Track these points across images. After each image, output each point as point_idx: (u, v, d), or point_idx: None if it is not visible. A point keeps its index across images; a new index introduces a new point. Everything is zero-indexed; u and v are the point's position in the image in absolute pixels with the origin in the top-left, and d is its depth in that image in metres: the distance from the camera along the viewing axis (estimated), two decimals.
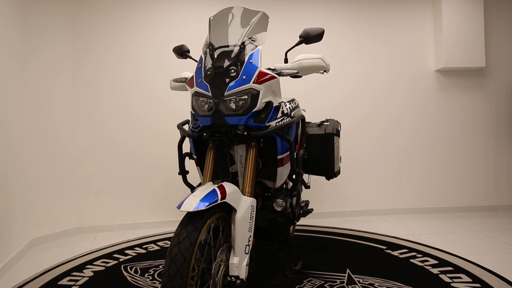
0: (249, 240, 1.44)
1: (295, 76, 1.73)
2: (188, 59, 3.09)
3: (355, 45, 3.53)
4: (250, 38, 1.58)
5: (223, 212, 1.39)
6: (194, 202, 1.24)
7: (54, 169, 2.92)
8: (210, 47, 1.59)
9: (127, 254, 2.50)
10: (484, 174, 3.67)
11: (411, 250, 2.47)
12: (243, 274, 1.39)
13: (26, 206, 2.69)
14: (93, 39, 3.15)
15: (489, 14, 3.63)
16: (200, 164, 1.78)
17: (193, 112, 1.59)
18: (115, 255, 2.48)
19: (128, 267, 2.27)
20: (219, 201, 1.29)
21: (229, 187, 1.40)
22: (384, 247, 2.53)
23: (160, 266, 2.25)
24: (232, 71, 1.50)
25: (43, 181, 2.85)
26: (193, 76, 1.60)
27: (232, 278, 1.35)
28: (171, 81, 1.94)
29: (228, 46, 1.56)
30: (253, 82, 1.51)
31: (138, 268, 2.25)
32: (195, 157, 1.75)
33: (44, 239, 2.84)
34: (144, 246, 2.67)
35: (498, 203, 3.68)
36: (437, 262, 2.25)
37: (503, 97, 3.68)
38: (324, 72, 1.79)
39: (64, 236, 3.00)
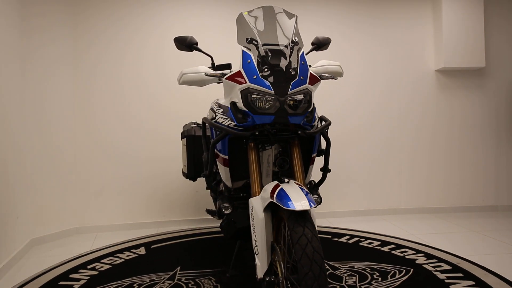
0: None
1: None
2: (189, 52, 3.02)
3: (355, 46, 3.53)
4: (294, 40, 1.60)
5: None
6: (304, 201, 1.25)
7: (54, 169, 2.92)
8: (255, 42, 1.57)
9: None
10: (484, 174, 3.67)
11: (370, 239, 2.69)
12: None
13: (26, 206, 2.69)
14: (93, 39, 3.15)
15: (489, 14, 3.63)
16: (231, 164, 1.72)
17: (245, 109, 1.52)
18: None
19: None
20: None
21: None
22: (330, 236, 2.82)
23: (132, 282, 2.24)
24: (292, 71, 1.50)
25: (43, 181, 2.85)
26: (239, 71, 1.55)
27: None
28: (183, 74, 1.79)
29: (277, 45, 1.56)
30: (308, 83, 1.54)
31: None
32: (226, 157, 1.68)
33: (44, 239, 2.84)
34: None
35: (498, 203, 3.68)
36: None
37: (503, 97, 3.68)
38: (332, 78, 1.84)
39: (64, 236, 3.00)
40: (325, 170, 1.77)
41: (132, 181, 3.22)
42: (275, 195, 1.30)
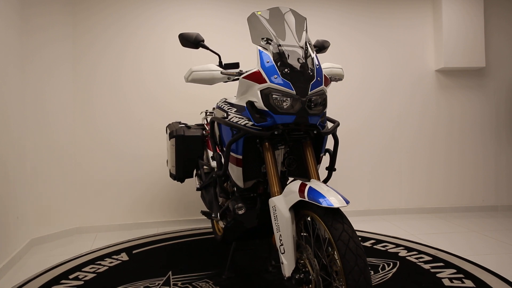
0: None
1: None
2: (195, 49, 2.99)
3: (355, 45, 3.53)
4: (308, 41, 1.61)
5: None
6: (339, 198, 1.28)
7: (54, 169, 2.92)
8: (270, 42, 1.57)
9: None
10: (484, 174, 3.67)
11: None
12: None
13: (26, 206, 2.69)
14: (93, 38, 3.15)
15: (489, 14, 3.63)
16: (244, 164, 1.71)
17: (266, 109, 1.51)
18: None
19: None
20: None
21: None
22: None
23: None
24: (309, 72, 1.52)
25: (43, 181, 2.85)
26: (258, 71, 1.54)
27: None
28: (192, 72, 1.73)
29: (294, 46, 1.57)
30: (323, 84, 1.56)
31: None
32: (240, 157, 1.66)
33: (44, 239, 2.85)
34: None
35: (498, 203, 3.68)
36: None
37: (503, 97, 3.68)
38: (338, 81, 1.89)
39: (64, 236, 3.00)
40: (331, 169, 1.79)
41: (132, 181, 3.22)
42: (305, 194, 1.31)
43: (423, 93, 3.61)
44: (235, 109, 1.67)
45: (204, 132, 2.52)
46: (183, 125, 2.61)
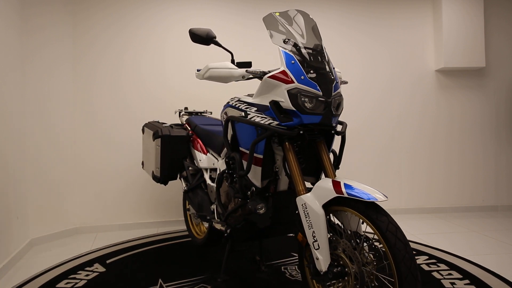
0: None
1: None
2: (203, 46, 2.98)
3: (355, 45, 3.53)
4: (323, 44, 1.66)
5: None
6: (377, 193, 1.34)
7: (54, 169, 2.92)
8: (291, 43, 1.60)
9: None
10: (484, 174, 3.67)
11: None
12: None
13: (26, 206, 2.69)
14: (93, 38, 3.15)
15: (489, 14, 3.63)
16: (263, 164, 1.72)
17: (293, 109, 1.53)
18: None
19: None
20: None
21: None
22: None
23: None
24: (330, 74, 1.56)
25: (43, 181, 2.85)
26: (284, 71, 1.56)
27: None
28: (209, 69, 1.70)
29: (312, 48, 1.60)
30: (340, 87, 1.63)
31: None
32: (261, 156, 1.67)
33: (44, 239, 2.84)
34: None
35: (498, 203, 3.68)
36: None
37: (503, 97, 3.68)
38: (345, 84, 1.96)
39: (64, 236, 3.00)
40: (336, 167, 1.81)
41: (132, 181, 3.22)
42: (343, 190, 1.36)
43: (423, 93, 3.61)
44: (255, 109, 1.66)
45: (188, 132, 2.47)
46: (166, 125, 2.53)
